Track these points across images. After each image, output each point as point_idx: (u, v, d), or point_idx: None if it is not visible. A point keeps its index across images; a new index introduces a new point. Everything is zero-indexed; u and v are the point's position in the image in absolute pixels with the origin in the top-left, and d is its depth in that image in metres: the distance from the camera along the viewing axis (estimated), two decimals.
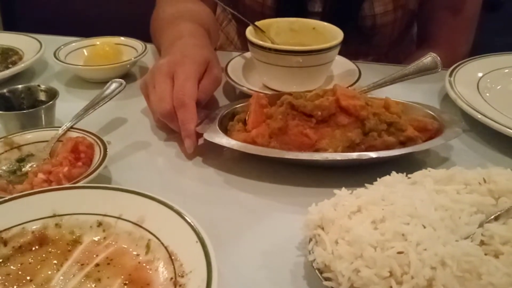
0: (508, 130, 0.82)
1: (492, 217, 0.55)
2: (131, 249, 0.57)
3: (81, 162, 0.70)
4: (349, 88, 0.87)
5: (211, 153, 0.82)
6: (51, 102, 0.83)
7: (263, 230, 0.68)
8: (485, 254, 0.51)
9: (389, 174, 0.65)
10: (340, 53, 0.97)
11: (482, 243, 0.52)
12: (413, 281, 0.49)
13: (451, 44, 1.25)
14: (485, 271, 0.49)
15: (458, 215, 0.55)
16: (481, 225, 0.54)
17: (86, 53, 1.10)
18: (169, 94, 0.81)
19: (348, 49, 1.13)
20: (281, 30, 1.04)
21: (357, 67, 1.02)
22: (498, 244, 0.51)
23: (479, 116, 0.87)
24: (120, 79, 0.88)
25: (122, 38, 1.12)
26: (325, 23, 1.02)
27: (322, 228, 0.58)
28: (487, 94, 0.96)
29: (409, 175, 0.65)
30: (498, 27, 1.73)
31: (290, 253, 0.63)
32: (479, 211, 0.56)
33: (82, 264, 0.55)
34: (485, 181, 0.61)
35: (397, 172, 0.66)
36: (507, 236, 0.52)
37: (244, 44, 1.38)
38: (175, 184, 0.77)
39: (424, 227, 0.53)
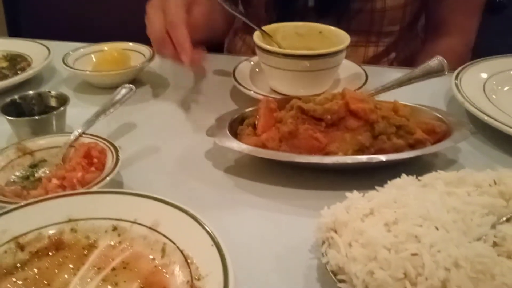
0: None
1: (504, 218, 0.56)
2: (146, 253, 0.57)
3: (94, 167, 0.71)
4: (357, 91, 0.87)
5: (221, 158, 0.82)
6: (62, 108, 0.84)
7: (275, 234, 0.68)
8: (498, 255, 0.51)
9: (399, 177, 0.66)
10: (350, 41, 0.97)
11: (494, 244, 0.53)
12: (428, 283, 0.49)
13: (464, 30, 1.28)
14: (498, 272, 0.49)
15: (470, 217, 0.56)
16: (493, 226, 0.55)
17: (94, 59, 1.11)
18: (160, 22, 0.90)
19: (358, 38, 1.14)
20: (287, 34, 1.05)
21: (364, 70, 1.03)
22: (511, 245, 0.52)
23: (486, 118, 0.87)
24: (130, 85, 0.89)
25: (130, 43, 1.13)
26: (332, 27, 1.03)
27: (335, 231, 0.58)
28: (494, 96, 0.97)
29: (419, 178, 0.66)
30: (499, 29, 1.74)
31: (303, 256, 0.63)
32: (490, 212, 0.57)
33: (98, 268, 0.56)
34: (495, 183, 0.61)
35: (407, 175, 0.66)
36: None
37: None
38: (186, 188, 0.78)
39: (437, 229, 0.54)
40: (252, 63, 1.08)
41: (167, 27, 0.89)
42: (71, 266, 0.56)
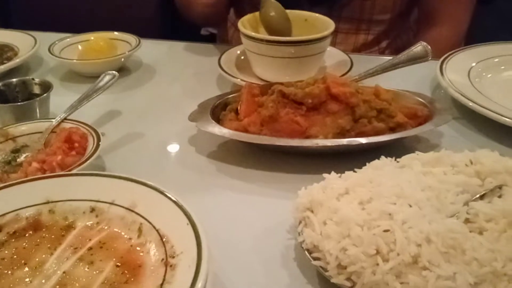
0: (499, 116, 0.83)
1: (478, 196, 0.56)
2: (123, 233, 0.58)
3: (74, 152, 0.71)
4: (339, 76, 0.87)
5: (204, 143, 0.83)
6: (45, 95, 0.85)
7: (255, 216, 0.68)
8: (470, 231, 0.52)
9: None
10: (340, 30, 0.97)
11: (467, 221, 0.53)
12: (399, 258, 0.50)
13: (455, 20, 1.28)
14: (469, 247, 0.49)
15: (444, 195, 0.56)
16: (466, 204, 0.55)
17: (80, 48, 1.11)
18: None
19: (349, 25, 1.14)
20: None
21: (349, 57, 1.03)
22: (483, 222, 0.52)
23: (471, 104, 0.87)
24: (113, 71, 0.89)
25: (115, 33, 1.13)
26: (317, 15, 1.03)
27: (312, 211, 0.59)
28: (478, 83, 0.97)
29: (397, 159, 0.66)
30: (490, 23, 1.74)
31: (281, 237, 0.64)
32: (465, 191, 0.57)
33: (75, 248, 0.56)
34: (471, 163, 0.62)
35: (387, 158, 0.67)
36: (491, 213, 0.53)
37: None
38: (169, 172, 0.78)
39: (410, 206, 0.54)
40: (238, 51, 1.08)
41: None
42: (48, 246, 0.57)
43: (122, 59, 1.07)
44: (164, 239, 0.55)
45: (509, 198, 0.55)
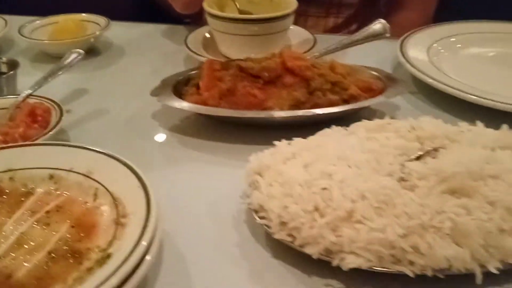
0: (454, 90, 0.86)
1: (413, 157, 0.60)
2: (80, 198, 0.60)
3: (37, 125, 0.74)
4: (295, 51, 0.90)
5: (167, 118, 0.85)
6: (11, 72, 0.87)
7: (211, 184, 0.71)
8: (403, 189, 0.55)
9: None
10: (310, 13, 1.00)
11: (401, 179, 0.56)
12: (335, 213, 0.53)
13: (423, 3, 1.33)
14: (400, 202, 0.53)
15: (384, 157, 0.59)
16: (402, 164, 0.58)
17: (50, 30, 1.12)
18: None
19: (318, 9, 1.18)
20: (240, 2, 1.07)
21: (313, 36, 1.06)
22: (415, 180, 0.56)
23: (428, 79, 0.91)
24: (79, 50, 0.91)
25: (83, 14, 1.15)
26: None
27: (260, 175, 0.62)
28: (436, 60, 1.01)
29: (346, 128, 0.69)
30: (459, 5, 1.77)
31: (234, 202, 0.66)
32: (403, 153, 0.60)
33: (33, 212, 0.59)
34: (413, 129, 0.65)
35: None
36: (424, 172, 0.56)
37: None
38: (132, 145, 0.81)
39: (350, 167, 0.57)
40: (205, 32, 1.10)
41: None
42: (7, 210, 0.59)
43: (92, 40, 1.08)
44: (116, 202, 0.57)
45: (443, 158, 0.58)
